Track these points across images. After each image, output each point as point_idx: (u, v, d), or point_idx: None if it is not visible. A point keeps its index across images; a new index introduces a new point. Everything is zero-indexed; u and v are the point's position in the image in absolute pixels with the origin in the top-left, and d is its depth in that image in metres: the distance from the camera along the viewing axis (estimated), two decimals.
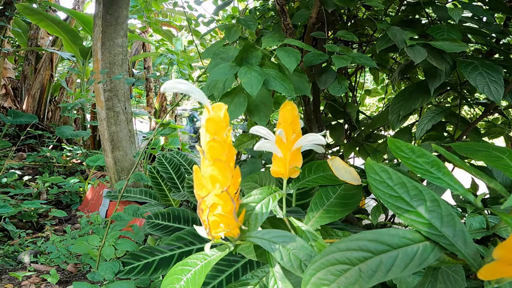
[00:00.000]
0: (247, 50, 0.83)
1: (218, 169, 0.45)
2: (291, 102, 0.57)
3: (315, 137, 0.55)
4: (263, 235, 0.48)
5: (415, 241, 0.37)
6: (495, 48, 1.05)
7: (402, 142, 0.47)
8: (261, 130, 0.56)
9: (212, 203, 0.46)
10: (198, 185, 0.47)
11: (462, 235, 0.36)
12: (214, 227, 0.47)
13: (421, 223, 0.38)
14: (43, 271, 1.96)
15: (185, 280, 0.49)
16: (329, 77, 0.95)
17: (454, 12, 0.85)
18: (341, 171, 0.63)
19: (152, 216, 1.32)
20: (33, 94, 4.85)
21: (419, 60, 0.81)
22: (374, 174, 0.43)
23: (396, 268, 0.34)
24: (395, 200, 0.41)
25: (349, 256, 0.35)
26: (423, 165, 0.45)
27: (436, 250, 0.36)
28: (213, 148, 0.44)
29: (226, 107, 0.45)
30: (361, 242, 0.36)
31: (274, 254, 0.45)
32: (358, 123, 1.50)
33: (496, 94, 0.77)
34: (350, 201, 0.65)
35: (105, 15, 2.41)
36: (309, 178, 0.68)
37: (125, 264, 1.11)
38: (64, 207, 3.17)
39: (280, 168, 0.58)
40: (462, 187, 0.43)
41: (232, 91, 0.84)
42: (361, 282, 0.34)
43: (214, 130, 0.45)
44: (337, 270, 0.35)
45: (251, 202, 0.54)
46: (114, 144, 2.54)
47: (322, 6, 1.04)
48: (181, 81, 0.44)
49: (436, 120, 0.97)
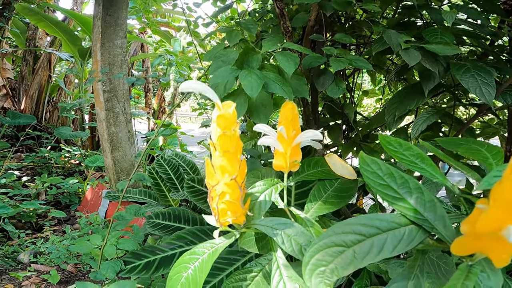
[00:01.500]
0: (248, 53, 0.86)
1: (228, 160, 0.49)
2: (291, 102, 0.62)
3: (313, 133, 0.61)
4: (267, 222, 0.52)
5: (401, 224, 0.40)
6: (488, 50, 1.07)
7: (392, 138, 0.52)
8: (264, 127, 0.62)
9: (221, 191, 0.50)
10: (209, 174, 0.51)
11: (442, 219, 0.40)
12: (222, 214, 0.51)
13: (407, 208, 0.42)
14: (43, 271, 1.97)
15: (192, 268, 0.52)
16: (327, 79, 0.98)
17: (447, 15, 0.88)
18: (338, 166, 0.67)
19: (153, 216, 1.34)
20: (31, 95, 4.84)
21: (413, 62, 0.84)
22: (366, 165, 0.47)
23: (386, 250, 0.38)
24: (384, 188, 0.45)
25: (345, 239, 0.39)
26: (409, 157, 0.50)
27: (421, 233, 0.40)
28: (223, 141, 0.49)
29: (235, 105, 0.50)
30: (355, 226, 0.39)
31: (276, 239, 0.49)
32: (355, 123, 1.53)
33: (487, 95, 0.79)
34: (346, 194, 0.69)
35: (104, 16, 2.43)
36: (308, 172, 0.72)
37: (126, 263, 1.12)
38: (63, 207, 3.17)
39: (281, 162, 0.63)
40: (442, 175, 0.48)
41: (233, 93, 0.87)
42: (355, 262, 0.37)
43: (224, 125, 0.49)
44: (334, 251, 0.38)
45: (255, 192, 0.59)
46: (113, 144, 2.55)
47: (320, 10, 1.06)
48: (197, 82, 0.49)
49: (431, 121, 0.99)
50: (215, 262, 0.88)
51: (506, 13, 1.11)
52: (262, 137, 0.60)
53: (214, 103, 0.50)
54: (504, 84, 0.93)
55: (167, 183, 1.95)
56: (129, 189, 2.07)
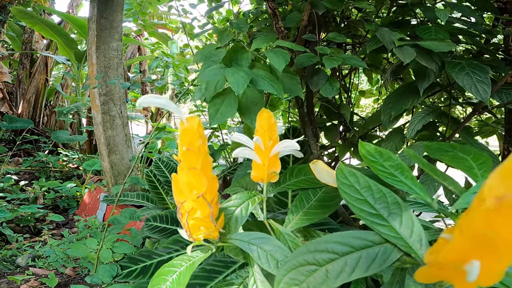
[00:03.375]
0: (236, 51, 0.84)
1: (194, 177, 0.47)
2: (267, 110, 0.59)
3: (289, 143, 0.58)
4: (242, 237, 0.50)
5: (376, 243, 0.38)
6: (483, 48, 1.07)
7: (372, 146, 0.49)
8: (241, 137, 0.59)
9: (191, 207, 0.48)
10: (176, 191, 0.49)
11: (419, 238, 0.38)
12: (194, 230, 0.50)
13: (382, 225, 0.40)
14: (41, 275, 1.96)
15: (170, 281, 0.51)
16: (320, 79, 0.97)
17: (441, 13, 0.87)
18: (323, 173, 0.63)
19: (151, 219, 1.33)
20: (28, 99, 4.82)
21: (407, 60, 0.83)
22: (343, 178, 0.44)
23: (359, 269, 0.36)
24: (360, 203, 0.42)
25: (317, 258, 0.37)
26: (388, 168, 0.47)
27: (396, 252, 0.38)
28: (188, 158, 0.47)
29: (199, 120, 0.47)
30: (328, 245, 0.38)
31: (252, 255, 0.47)
32: (352, 124, 1.52)
33: (483, 93, 0.79)
34: (330, 203, 0.65)
35: (99, 19, 2.42)
36: (289, 182, 0.69)
37: (123, 268, 1.11)
38: (61, 211, 3.16)
39: (259, 173, 0.60)
40: (422, 190, 0.45)
41: (223, 92, 0.85)
42: (328, 282, 0.35)
43: (188, 140, 0.47)
44: (306, 270, 0.36)
45: (230, 206, 0.57)
46: (110, 148, 2.54)
47: (313, 9, 1.05)
48: (157, 96, 0.46)
49: (427, 120, 0.98)
50: (211, 265, 0.87)
51: (500, 11, 1.10)
52: (238, 148, 0.58)
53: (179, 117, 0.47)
54: (499, 82, 0.92)
55: (165, 186, 1.93)
56: (127, 193, 2.06)
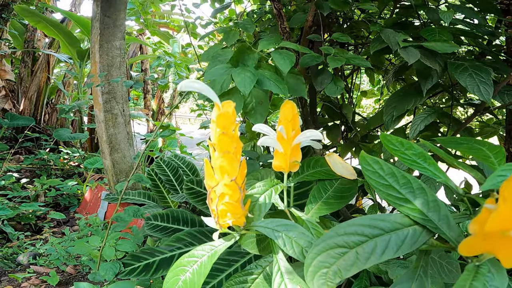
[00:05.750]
0: (243, 52, 0.85)
1: (227, 161, 0.48)
2: (291, 101, 0.60)
3: (313, 133, 0.59)
4: (267, 224, 0.51)
5: (405, 225, 0.39)
6: (485, 50, 1.08)
7: (393, 136, 0.51)
8: (263, 127, 0.61)
9: (221, 192, 0.49)
10: (208, 175, 0.50)
11: (446, 219, 0.39)
12: (222, 215, 0.50)
13: (410, 208, 0.41)
14: (42, 273, 1.97)
15: (191, 271, 0.51)
16: (325, 79, 0.98)
17: (444, 14, 0.88)
18: (338, 166, 0.66)
19: (151, 218, 1.34)
20: (30, 97, 4.83)
21: (412, 60, 0.84)
22: (367, 165, 0.46)
23: (389, 250, 0.37)
24: (386, 188, 0.44)
25: (347, 240, 0.38)
26: (410, 156, 0.49)
27: (425, 233, 0.39)
28: (223, 141, 0.48)
29: (234, 105, 0.49)
30: (357, 227, 0.39)
31: (277, 241, 0.48)
32: (354, 124, 1.53)
33: (485, 94, 0.79)
34: (346, 194, 0.68)
35: (103, 18, 2.43)
36: (308, 173, 0.71)
37: (125, 265, 1.12)
38: (62, 209, 3.17)
39: (281, 163, 0.61)
40: (444, 175, 0.46)
41: (229, 92, 0.86)
42: (358, 263, 0.36)
43: (223, 125, 0.48)
44: (336, 253, 0.37)
45: (255, 193, 0.58)
46: (112, 146, 2.55)
47: (317, 10, 1.06)
48: (196, 80, 0.48)
49: (429, 121, 0.99)
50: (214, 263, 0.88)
51: (503, 12, 1.11)
52: (261, 137, 0.59)
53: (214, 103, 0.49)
54: (501, 83, 0.93)
55: (166, 184, 1.94)
56: (128, 191, 2.07)
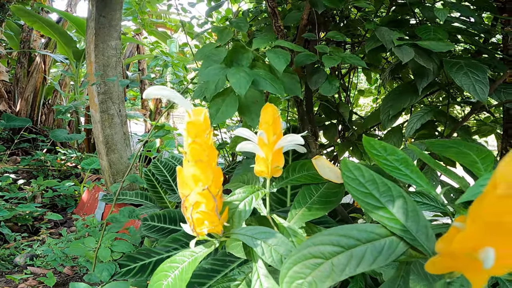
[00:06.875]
0: (237, 51, 0.84)
1: (200, 169, 0.47)
2: (271, 104, 0.59)
3: (294, 138, 0.58)
4: (246, 231, 0.50)
5: (382, 235, 0.38)
6: (481, 48, 1.07)
7: (376, 140, 0.49)
8: (244, 132, 0.59)
9: (195, 201, 0.48)
10: (181, 184, 0.49)
11: (424, 230, 0.38)
12: (198, 224, 0.49)
13: (388, 218, 0.40)
14: (39, 274, 1.96)
15: (172, 277, 0.50)
16: (320, 78, 0.97)
17: (439, 12, 0.87)
18: (325, 170, 0.64)
19: (148, 218, 1.33)
20: (26, 97, 4.81)
21: (406, 59, 0.83)
22: (348, 171, 0.44)
23: (365, 262, 0.36)
24: (365, 196, 0.42)
25: (323, 251, 0.37)
26: (392, 162, 0.47)
27: (402, 245, 0.38)
28: (194, 150, 0.47)
29: (206, 112, 0.48)
30: (333, 237, 0.37)
31: (256, 249, 0.47)
32: (351, 123, 1.52)
33: (481, 93, 0.79)
34: (332, 199, 0.65)
35: (98, 18, 2.41)
36: (292, 177, 0.69)
37: (121, 266, 1.11)
38: (59, 210, 3.15)
39: (262, 168, 0.60)
40: (427, 183, 0.45)
41: (224, 92, 0.85)
42: (333, 275, 0.35)
43: (194, 133, 0.47)
44: (312, 264, 0.36)
45: (234, 200, 0.57)
46: (109, 147, 2.54)
47: (312, 8, 1.05)
48: (163, 87, 0.47)
49: (425, 119, 0.99)
50: (210, 264, 0.87)
51: (499, 10, 1.11)
52: (242, 142, 0.58)
53: (186, 110, 0.47)
54: (497, 81, 0.93)
55: (164, 185, 1.93)
56: (125, 192, 2.06)
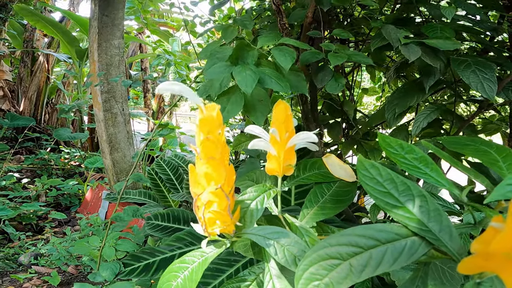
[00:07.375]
0: (242, 49, 0.84)
1: (212, 167, 0.46)
2: (283, 101, 0.57)
3: (307, 135, 0.56)
4: (258, 231, 0.49)
5: (402, 236, 0.37)
6: (488, 46, 1.06)
7: (392, 139, 0.47)
8: (255, 129, 0.57)
9: (208, 200, 0.47)
10: (193, 182, 0.48)
11: (448, 230, 0.37)
12: (210, 224, 0.48)
13: (409, 218, 0.38)
14: (44, 273, 1.97)
15: (182, 278, 0.49)
16: (326, 76, 0.96)
17: (446, 10, 0.86)
18: (336, 168, 0.63)
19: (152, 217, 1.33)
20: (30, 97, 4.83)
21: (413, 58, 0.82)
22: (365, 170, 0.43)
23: (385, 263, 0.35)
24: (383, 195, 0.41)
25: (340, 251, 0.36)
26: (411, 161, 0.46)
27: (424, 245, 0.36)
28: (206, 147, 0.46)
29: (218, 107, 0.46)
30: (351, 238, 0.36)
31: (268, 249, 0.46)
32: (355, 121, 1.51)
33: (489, 91, 0.78)
34: (344, 197, 0.64)
35: (101, 17, 2.41)
36: (303, 176, 0.67)
37: (126, 265, 1.11)
38: (63, 209, 3.17)
39: (274, 166, 0.58)
40: (448, 182, 0.43)
41: (229, 90, 0.85)
42: (351, 276, 0.34)
43: (207, 129, 0.46)
44: (329, 265, 0.35)
45: (246, 199, 0.55)
46: (112, 145, 2.54)
47: (317, 6, 1.04)
48: (175, 82, 0.45)
49: (432, 118, 0.98)
50: (215, 263, 0.87)
51: (505, 8, 1.09)
52: (253, 139, 0.56)
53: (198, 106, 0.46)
54: (505, 79, 0.92)
55: (167, 183, 1.93)
56: (129, 190, 2.06)
